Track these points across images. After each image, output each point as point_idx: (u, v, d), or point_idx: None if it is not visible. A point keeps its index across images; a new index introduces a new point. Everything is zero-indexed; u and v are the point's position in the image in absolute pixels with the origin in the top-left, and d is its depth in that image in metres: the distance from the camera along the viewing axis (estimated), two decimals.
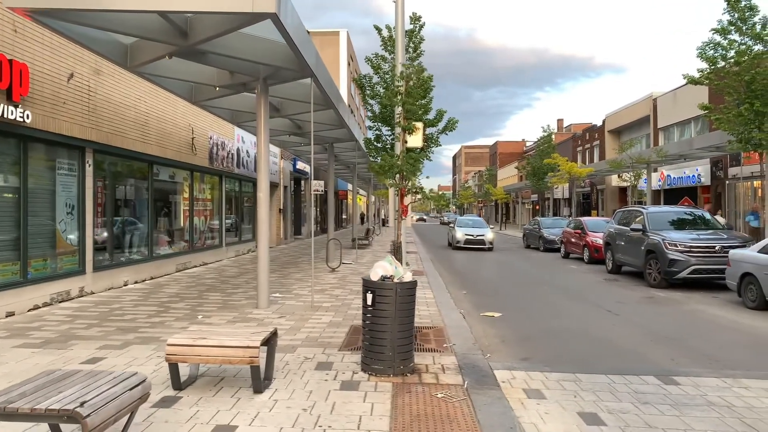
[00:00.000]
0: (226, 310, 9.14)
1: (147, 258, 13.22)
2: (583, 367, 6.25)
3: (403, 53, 10.25)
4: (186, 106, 14.89)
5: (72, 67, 10.22)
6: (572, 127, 67.77)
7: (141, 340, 7.06)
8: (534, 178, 39.46)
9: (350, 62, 52.80)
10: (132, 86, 12.33)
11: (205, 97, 11.87)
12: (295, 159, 27.64)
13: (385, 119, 15.09)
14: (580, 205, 39.58)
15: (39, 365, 5.95)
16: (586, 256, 19.00)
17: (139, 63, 9.20)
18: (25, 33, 9.03)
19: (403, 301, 5.64)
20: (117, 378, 3.77)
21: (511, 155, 74.96)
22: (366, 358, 5.74)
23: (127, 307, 9.41)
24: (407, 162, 8.43)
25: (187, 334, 5.18)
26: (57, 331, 7.60)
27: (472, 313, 9.77)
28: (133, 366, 5.91)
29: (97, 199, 11.19)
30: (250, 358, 4.89)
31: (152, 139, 13.29)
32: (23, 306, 8.96)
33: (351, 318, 8.51)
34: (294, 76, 9.77)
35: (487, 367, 5.98)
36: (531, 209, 55.56)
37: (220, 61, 9.25)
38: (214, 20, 7.51)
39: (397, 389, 5.19)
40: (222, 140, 18.07)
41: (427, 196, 71.35)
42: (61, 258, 10.16)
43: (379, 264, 5.82)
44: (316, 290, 11.04)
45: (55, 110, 9.72)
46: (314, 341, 7.04)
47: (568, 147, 46.48)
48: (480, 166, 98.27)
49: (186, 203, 15.83)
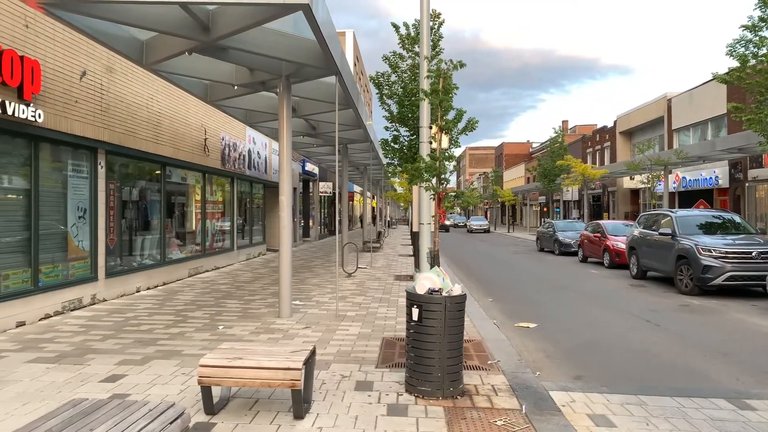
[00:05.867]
0: (247, 320, 8.67)
1: (159, 263, 12.75)
2: (643, 388, 5.77)
3: (429, 49, 9.75)
4: (198, 106, 14.44)
5: (84, 65, 9.78)
6: (577, 128, 67.29)
7: (162, 354, 6.59)
8: (545, 180, 38.89)
9: (356, 63, 52.40)
10: (144, 85, 11.88)
11: (221, 96, 11.41)
12: (305, 160, 27.18)
13: (403, 120, 14.67)
14: (590, 207, 39.01)
15: (55, 383, 5.49)
16: (606, 261, 18.48)
17: (155, 60, 8.75)
18: (37, 28, 8.59)
19: (453, 317, 5.16)
20: (153, 411, 3.30)
21: (517, 156, 74.49)
22: (411, 379, 5.26)
23: (142, 316, 8.95)
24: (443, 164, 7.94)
25: (220, 353, 4.71)
26: (71, 343, 7.13)
27: (505, 322, 9.28)
28: (157, 385, 5.44)
29: (109, 202, 10.74)
30: (291, 381, 4.42)
31: (165, 140, 12.84)
32: (34, 315, 8.50)
33: (380, 329, 8.03)
34: (318, 73, 9.30)
35: (541, 388, 5.50)
36: (539, 211, 54.98)
37: (242, 58, 8.79)
38: (239, 13, 7.05)
39: (450, 415, 4.71)
40: (234, 141, 17.61)
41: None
42: (73, 264, 9.71)
43: (425, 275, 5.34)
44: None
45: (67, 109, 9.28)
46: (347, 356, 6.56)
47: (578, 148, 45.95)
48: (485, 167, 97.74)
49: (198, 206, 15.37)
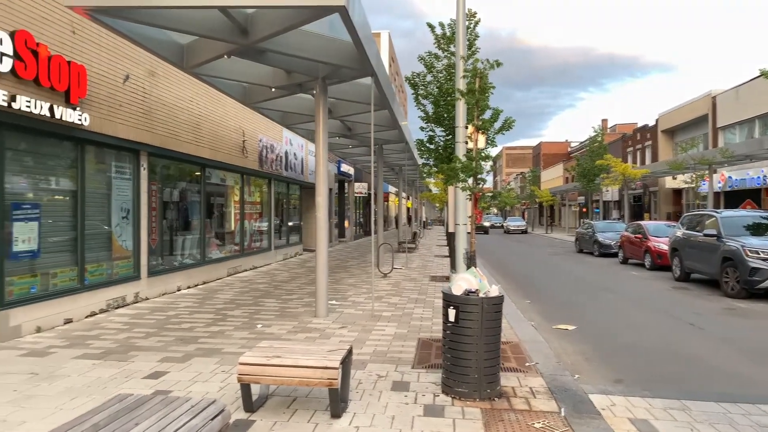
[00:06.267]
0: (285, 319, 8.77)
1: (199, 262, 13.03)
2: (686, 392, 5.61)
3: (465, 49, 9.67)
4: (237, 109, 14.69)
5: (127, 69, 10.06)
6: (617, 127, 65.80)
7: (202, 352, 6.73)
8: (584, 180, 38.15)
9: (391, 63, 52.48)
10: (185, 88, 12.15)
11: (259, 98, 11.58)
12: (340, 161, 27.36)
13: (438, 120, 14.61)
14: (631, 208, 38.11)
15: (101, 379, 5.67)
16: (648, 262, 18.03)
17: (196, 63, 8.93)
18: (83, 34, 8.88)
19: (490, 318, 5.12)
20: (195, 407, 3.38)
21: (555, 156, 73.30)
22: (448, 380, 5.24)
23: (183, 315, 9.15)
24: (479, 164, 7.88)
25: (259, 351, 4.78)
26: (116, 340, 7.35)
27: (543, 325, 9.15)
28: (198, 382, 5.56)
29: (151, 202, 11.03)
30: (329, 380, 4.46)
31: (205, 142, 13.10)
32: (81, 312, 8.79)
33: (416, 330, 8.02)
34: (354, 74, 9.35)
35: (580, 391, 5.41)
36: (578, 212, 54.01)
37: (280, 60, 8.90)
38: (277, 16, 7.14)
39: (488, 417, 4.67)
40: (271, 143, 17.85)
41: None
42: (117, 263, 10.00)
43: (461, 276, 5.32)
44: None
45: (112, 113, 9.56)
46: (383, 356, 6.58)
47: (618, 147, 44.95)
48: (522, 167, 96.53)
49: (237, 206, 15.64)
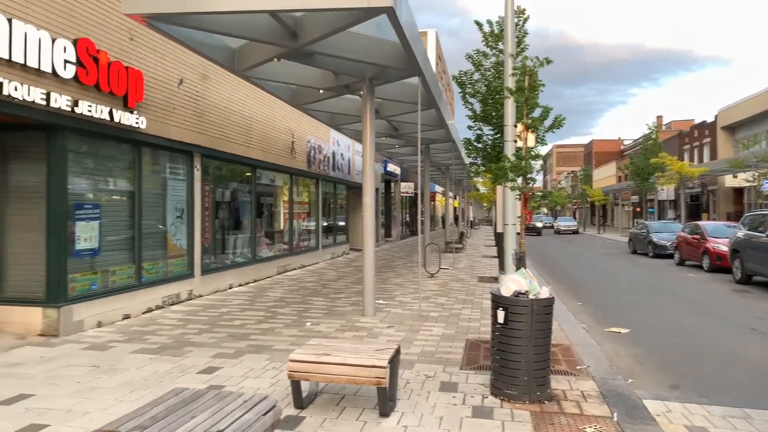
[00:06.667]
0: (333, 317, 8.87)
1: (250, 261, 13.32)
2: (748, 399, 5.38)
3: (514, 46, 9.54)
4: (285, 110, 14.93)
5: (181, 73, 10.38)
6: (672, 124, 63.48)
7: (253, 348, 6.89)
8: (638, 179, 36.98)
9: (438, 62, 52.27)
10: (236, 91, 12.44)
11: (307, 100, 11.75)
12: (386, 161, 27.43)
13: (486, 118, 14.47)
14: (688, 208, 36.73)
15: (157, 373, 5.87)
16: (706, 264, 17.34)
17: (246, 66, 9.14)
18: (140, 40, 9.21)
19: (540, 320, 5.04)
20: (248, 402, 3.46)
21: (607, 154, 71.38)
22: (497, 381, 5.19)
23: (234, 312, 9.39)
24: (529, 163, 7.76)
25: (308, 349, 4.86)
26: (171, 336, 7.60)
27: (594, 327, 8.94)
28: (249, 378, 5.70)
29: (204, 202, 11.35)
30: (377, 379, 4.49)
31: (255, 143, 13.38)
32: (138, 309, 9.13)
33: (464, 331, 7.97)
34: (401, 75, 9.37)
35: (634, 396, 5.26)
36: (631, 211, 52.43)
37: (328, 62, 9.02)
38: (325, 19, 7.24)
39: (537, 420, 4.61)
40: (319, 144, 18.08)
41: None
42: (171, 261, 10.33)
43: (510, 277, 5.25)
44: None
45: (167, 116, 9.88)
46: (431, 356, 6.57)
47: (674, 145, 43.41)
48: (573, 166, 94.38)
49: (285, 206, 15.91)
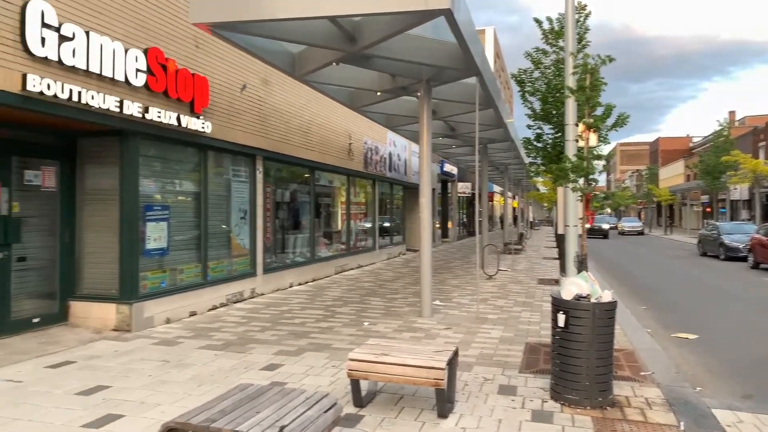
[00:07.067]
0: (390, 318, 8.96)
1: (309, 260, 13.60)
2: None
3: (574, 44, 9.33)
4: (343, 113, 15.15)
5: (244, 78, 10.71)
6: (746, 120, 60.12)
7: (314, 346, 7.05)
8: (708, 177, 35.32)
9: (496, 60, 51.65)
10: (296, 95, 12.72)
11: (365, 102, 11.90)
12: (443, 161, 27.33)
13: (546, 117, 14.19)
14: (763, 208, 34.77)
15: (222, 369, 6.11)
16: None
17: (306, 71, 9.35)
18: (205, 48, 9.58)
19: (602, 324, 4.93)
20: (310, 399, 3.58)
21: (674, 152, 68.46)
22: (557, 386, 5.12)
23: (295, 310, 9.62)
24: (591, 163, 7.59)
25: (367, 349, 4.94)
26: (235, 333, 7.88)
27: (659, 332, 8.64)
28: (310, 375, 5.84)
29: (266, 203, 11.68)
30: (435, 380, 4.53)
31: (314, 146, 13.65)
32: (203, 306, 9.50)
33: (523, 334, 7.88)
34: (458, 75, 9.35)
35: (702, 405, 5.07)
36: (701, 212, 50.12)
37: (385, 65, 9.11)
38: (383, 22, 7.32)
39: (599, 426, 4.52)
40: (375, 145, 18.24)
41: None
42: (235, 260, 10.69)
43: (572, 280, 5.17)
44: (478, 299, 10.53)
45: (230, 120, 10.23)
46: (489, 359, 6.53)
47: (748, 142, 41.16)
48: (638, 164, 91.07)
49: (343, 207, 16.15)
